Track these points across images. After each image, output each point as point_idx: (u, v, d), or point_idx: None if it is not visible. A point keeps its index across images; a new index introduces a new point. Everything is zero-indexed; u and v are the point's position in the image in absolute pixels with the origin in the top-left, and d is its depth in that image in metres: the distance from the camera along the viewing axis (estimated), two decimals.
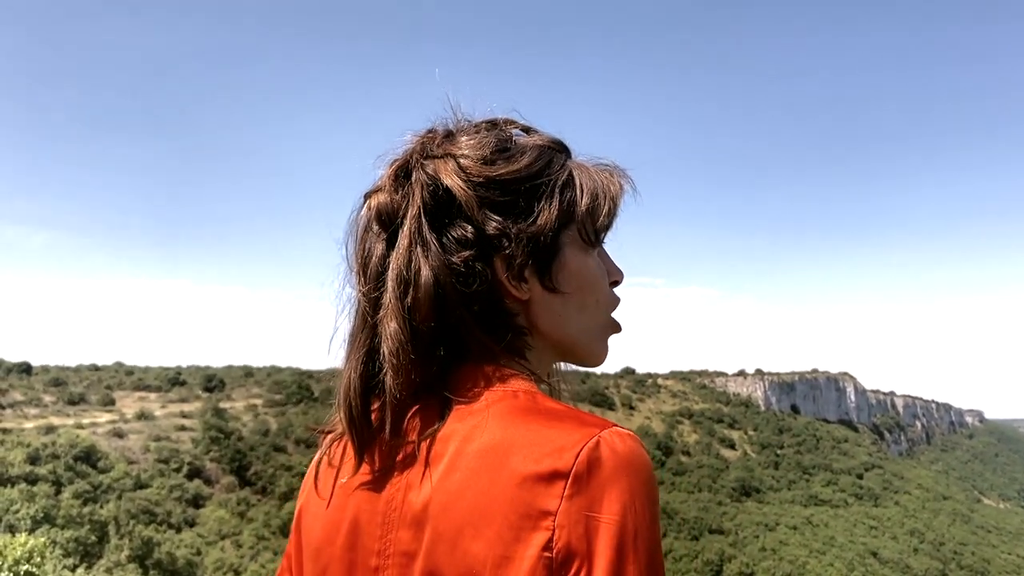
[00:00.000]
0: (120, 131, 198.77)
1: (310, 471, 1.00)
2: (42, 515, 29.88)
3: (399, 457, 0.87)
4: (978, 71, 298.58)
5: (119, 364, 77.49)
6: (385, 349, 0.87)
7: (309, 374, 73.29)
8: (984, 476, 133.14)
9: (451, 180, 0.89)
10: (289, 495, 46.62)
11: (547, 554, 0.73)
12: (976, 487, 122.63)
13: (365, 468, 0.90)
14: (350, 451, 0.92)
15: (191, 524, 39.94)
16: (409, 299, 0.87)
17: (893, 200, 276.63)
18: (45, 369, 67.58)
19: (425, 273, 0.86)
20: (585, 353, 0.98)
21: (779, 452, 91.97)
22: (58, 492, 35.12)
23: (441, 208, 0.89)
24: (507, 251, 0.89)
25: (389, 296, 0.88)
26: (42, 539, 9.16)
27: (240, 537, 39.91)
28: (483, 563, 0.75)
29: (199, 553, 36.46)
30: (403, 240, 0.89)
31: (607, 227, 0.99)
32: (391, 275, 0.88)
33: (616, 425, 0.79)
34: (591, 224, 0.96)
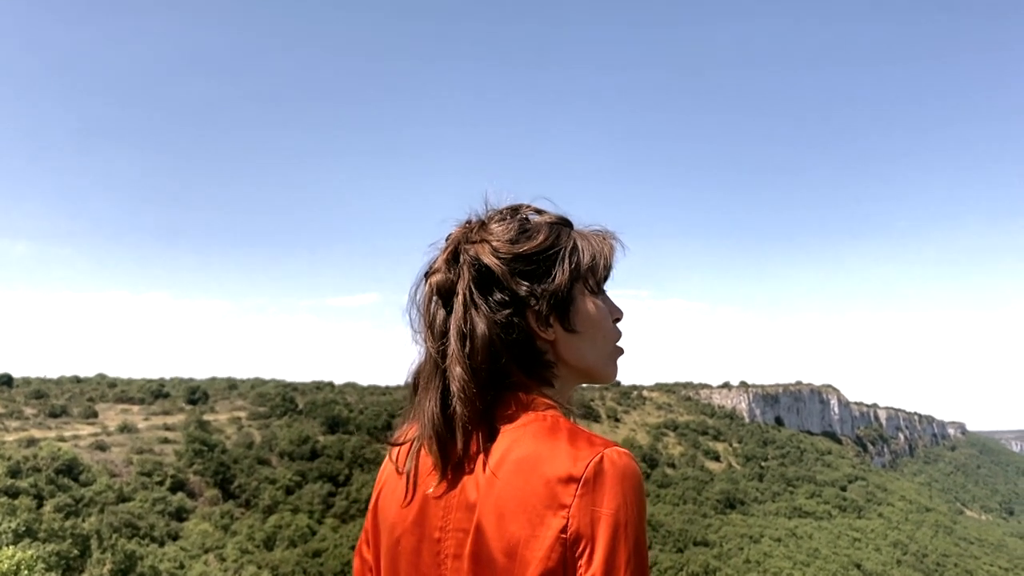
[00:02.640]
0: (103, 141, 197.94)
1: (383, 468, 1.37)
2: (24, 529, 29.55)
3: (461, 463, 1.19)
4: (958, 86, 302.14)
5: (102, 376, 76.46)
6: (454, 387, 1.19)
7: (293, 386, 73.04)
8: (966, 488, 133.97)
9: (489, 259, 1.23)
10: (273, 508, 46.35)
11: (563, 535, 1.06)
12: (958, 499, 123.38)
13: (436, 471, 1.22)
14: (421, 457, 1.26)
15: (174, 537, 39.58)
16: (467, 348, 1.19)
17: (875, 213, 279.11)
18: (26, 381, 66.78)
19: (480, 328, 1.20)
20: (599, 375, 1.33)
21: (763, 464, 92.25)
22: (40, 505, 34.77)
23: (484, 280, 1.23)
24: (536, 307, 1.23)
25: (453, 347, 1.20)
26: (30, 552, 9.13)
27: (224, 551, 39.62)
28: (518, 538, 1.08)
29: (182, 567, 36.13)
30: (459, 305, 1.22)
31: (605, 278, 1.33)
32: (453, 332, 1.21)
33: (616, 445, 1.12)
34: (593, 278, 1.30)
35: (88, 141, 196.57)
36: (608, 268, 1.32)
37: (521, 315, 1.22)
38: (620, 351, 1.35)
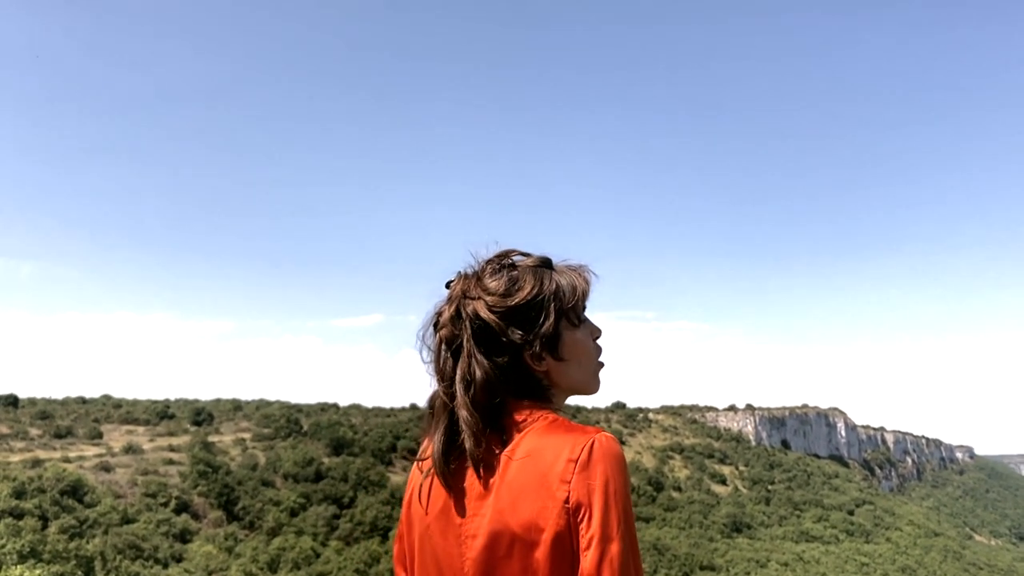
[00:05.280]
0: (109, 160, 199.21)
1: (413, 473, 1.63)
2: (28, 550, 29.49)
3: (472, 479, 1.46)
4: (975, 102, 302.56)
5: (107, 397, 76.21)
6: (462, 425, 1.45)
7: (298, 408, 72.92)
8: (975, 512, 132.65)
9: (486, 314, 1.49)
10: (277, 530, 46.13)
11: (566, 505, 1.34)
12: (967, 524, 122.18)
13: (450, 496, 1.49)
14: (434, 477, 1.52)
15: (178, 559, 39.38)
16: (471, 392, 1.45)
17: (884, 235, 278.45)
18: (32, 402, 66.56)
19: (479, 375, 1.46)
20: (587, 389, 1.60)
21: (770, 487, 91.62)
22: (44, 526, 34.66)
23: (483, 332, 1.49)
24: (529, 351, 1.49)
25: (459, 391, 1.46)
26: (38, 571, 9.16)
27: (227, 573, 39.38)
28: (531, 513, 1.36)
29: None
30: (464, 355, 1.48)
31: (583, 309, 1.60)
32: (458, 378, 1.47)
33: (603, 431, 1.41)
34: (574, 313, 1.56)
35: (93, 160, 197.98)
36: (585, 301, 1.59)
37: (518, 357, 1.49)
38: (601, 365, 1.63)
